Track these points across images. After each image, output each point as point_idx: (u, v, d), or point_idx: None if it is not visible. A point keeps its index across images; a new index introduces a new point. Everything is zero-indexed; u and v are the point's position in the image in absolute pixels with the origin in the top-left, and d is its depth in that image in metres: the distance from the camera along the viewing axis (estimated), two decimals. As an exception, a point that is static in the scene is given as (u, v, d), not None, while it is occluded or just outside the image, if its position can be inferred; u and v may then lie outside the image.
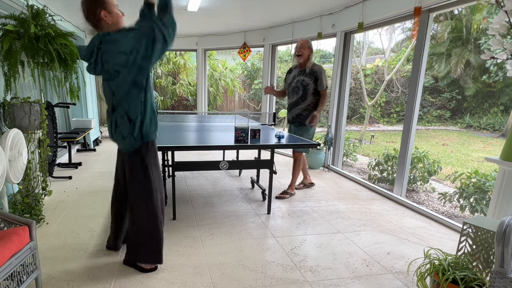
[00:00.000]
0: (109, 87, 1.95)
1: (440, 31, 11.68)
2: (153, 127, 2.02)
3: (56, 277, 2.03)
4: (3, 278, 1.49)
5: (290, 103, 3.66)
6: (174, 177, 2.87)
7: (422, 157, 4.51)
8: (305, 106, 3.54)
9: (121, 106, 1.93)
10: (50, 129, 4.06)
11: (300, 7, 4.51)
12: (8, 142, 2.31)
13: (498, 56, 2.07)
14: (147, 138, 2.01)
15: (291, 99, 3.65)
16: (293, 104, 3.61)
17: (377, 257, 2.41)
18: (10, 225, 1.77)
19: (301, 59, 3.51)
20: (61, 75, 2.97)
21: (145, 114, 1.95)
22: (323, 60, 15.17)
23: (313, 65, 3.51)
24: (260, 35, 6.15)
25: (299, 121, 3.59)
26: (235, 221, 2.98)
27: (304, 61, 3.52)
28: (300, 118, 3.57)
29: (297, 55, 3.52)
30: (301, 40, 3.54)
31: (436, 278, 1.76)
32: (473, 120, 11.92)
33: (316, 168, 5.01)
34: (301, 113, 3.56)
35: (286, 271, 2.18)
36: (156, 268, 2.15)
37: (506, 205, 2.09)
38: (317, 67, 3.49)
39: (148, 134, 2.00)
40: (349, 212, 3.29)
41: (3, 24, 2.65)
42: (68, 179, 4.11)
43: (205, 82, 7.41)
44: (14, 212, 2.68)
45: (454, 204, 4.08)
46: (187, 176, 4.41)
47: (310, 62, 3.51)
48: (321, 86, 3.48)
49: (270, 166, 3.05)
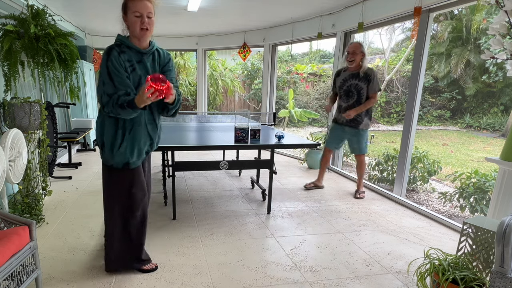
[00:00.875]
0: None
1: (440, 31, 11.68)
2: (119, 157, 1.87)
3: (56, 277, 2.03)
4: (3, 278, 1.49)
5: (344, 106, 3.62)
6: (174, 177, 2.87)
7: (422, 157, 4.51)
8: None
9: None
10: (50, 129, 4.06)
11: (300, 7, 4.51)
12: (8, 142, 2.31)
13: (498, 56, 2.07)
14: (107, 162, 1.92)
15: (345, 102, 3.62)
16: (348, 108, 3.57)
17: (377, 257, 2.41)
18: (10, 225, 1.77)
19: (352, 64, 3.49)
20: (61, 75, 2.98)
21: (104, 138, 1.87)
22: (323, 60, 15.17)
23: (367, 69, 3.48)
24: (260, 35, 6.15)
25: (354, 125, 3.58)
26: (235, 221, 2.98)
27: (356, 65, 3.50)
28: (355, 122, 3.56)
29: (348, 60, 3.50)
30: (353, 45, 3.49)
31: (436, 278, 1.76)
32: (473, 120, 11.92)
33: (316, 168, 5.01)
34: (355, 117, 3.54)
35: (286, 271, 2.18)
36: (156, 268, 2.15)
37: (506, 205, 2.09)
38: (371, 71, 3.47)
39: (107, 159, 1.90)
40: (349, 212, 3.29)
41: (3, 24, 2.65)
42: (68, 179, 4.11)
43: (205, 82, 7.40)
44: (14, 212, 2.68)
45: (454, 204, 4.08)
46: (187, 176, 4.41)
47: (364, 66, 3.47)
48: (371, 89, 3.46)
49: (270, 166, 3.05)
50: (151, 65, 1.89)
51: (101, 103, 1.79)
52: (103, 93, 1.76)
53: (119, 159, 1.88)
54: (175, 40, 7.08)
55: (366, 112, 3.55)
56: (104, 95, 1.76)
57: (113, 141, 1.86)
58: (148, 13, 1.78)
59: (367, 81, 3.45)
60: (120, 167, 1.90)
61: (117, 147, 1.86)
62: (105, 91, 1.76)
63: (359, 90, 3.50)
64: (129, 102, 1.72)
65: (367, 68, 3.48)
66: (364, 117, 3.55)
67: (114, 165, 1.90)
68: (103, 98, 1.76)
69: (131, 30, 1.80)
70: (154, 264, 2.17)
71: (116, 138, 1.86)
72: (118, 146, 1.86)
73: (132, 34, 1.82)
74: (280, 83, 12.33)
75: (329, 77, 12.52)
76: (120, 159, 1.88)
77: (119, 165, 1.90)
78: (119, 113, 1.76)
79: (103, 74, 1.76)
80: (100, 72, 1.79)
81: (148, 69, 1.87)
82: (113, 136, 1.86)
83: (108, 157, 1.89)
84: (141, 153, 1.93)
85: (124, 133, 1.86)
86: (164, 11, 4.78)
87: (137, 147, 1.90)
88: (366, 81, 3.45)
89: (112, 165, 1.90)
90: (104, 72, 1.76)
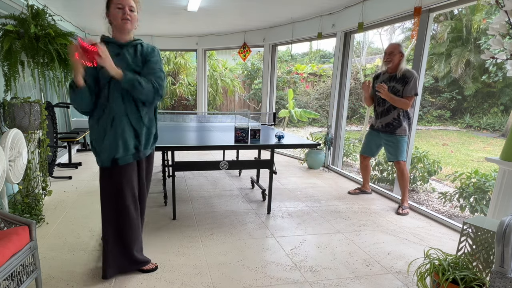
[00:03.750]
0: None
1: (440, 31, 11.68)
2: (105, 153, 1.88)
3: (56, 277, 2.03)
4: (3, 278, 1.49)
5: (380, 110, 3.42)
6: (174, 177, 2.87)
7: (422, 157, 4.51)
8: (396, 114, 3.30)
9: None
10: (50, 129, 4.06)
11: (300, 7, 4.51)
12: (8, 142, 2.31)
13: (498, 56, 2.07)
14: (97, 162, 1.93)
15: (381, 106, 3.40)
16: (384, 112, 3.38)
17: (377, 257, 2.41)
18: (10, 225, 1.77)
19: (390, 64, 3.29)
20: (61, 75, 2.98)
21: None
22: (323, 60, 15.17)
23: (406, 71, 3.23)
24: (260, 35, 6.15)
25: (390, 130, 3.35)
26: (235, 221, 2.98)
27: (393, 66, 3.29)
28: (390, 127, 3.34)
29: (386, 61, 3.32)
30: (391, 46, 3.29)
31: (436, 278, 1.76)
32: (473, 120, 11.92)
33: (316, 168, 5.01)
34: (391, 122, 3.33)
35: (286, 271, 2.18)
36: (156, 268, 2.15)
37: (506, 205, 2.09)
38: (410, 73, 3.20)
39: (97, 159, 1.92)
40: (349, 212, 3.29)
41: (3, 24, 2.65)
42: (68, 179, 4.11)
43: (205, 82, 7.41)
44: (14, 212, 2.68)
45: (454, 204, 4.08)
46: (187, 176, 4.41)
47: (401, 67, 3.24)
48: (407, 91, 3.19)
49: (270, 166, 3.05)
50: (132, 56, 1.89)
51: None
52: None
53: (105, 155, 1.87)
54: (175, 40, 7.08)
55: (405, 117, 3.29)
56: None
57: (97, 136, 1.88)
58: (130, 7, 1.82)
59: (404, 83, 3.21)
60: (109, 164, 1.88)
61: (100, 142, 1.87)
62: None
63: (395, 93, 3.25)
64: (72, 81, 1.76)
65: (405, 69, 3.24)
66: (402, 121, 3.29)
67: (104, 163, 1.89)
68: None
69: (114, 23, 1.85)
70: (154, 264, 2.16)
71: (99, 133, 1.87)
72: (101, 140, 1.86)
73: (115, 27, 1.86)
74: (280, 83, 12.33)
75: (329, 77, 12.52)
76: (106, 154, 1.87)
77: (107, 162, 1.88)
78: (71, 98, 1.81)
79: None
80: None
81: (128, 61, 1.87)
82: (98, 132, 1.87)
83: (97, 156, 1.91)
84: (127, 147, 1.89)
85: (105, 127, 1.86)
86: (164, 11, 4.78)
87: (121, 140, 1.87)
88: (403, 83, 3.21)
89: (102, 164, 1.90)
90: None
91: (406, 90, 3.19)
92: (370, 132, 3.62)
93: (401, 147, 3.33)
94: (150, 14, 4.97)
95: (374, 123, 3.55)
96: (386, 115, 3.37)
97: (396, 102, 3.24)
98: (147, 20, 5.41)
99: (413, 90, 3.17)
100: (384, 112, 3.39)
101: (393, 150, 3.36)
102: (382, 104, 3.40)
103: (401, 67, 3.25)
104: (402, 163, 3.34)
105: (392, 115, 3.32)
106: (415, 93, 3.19)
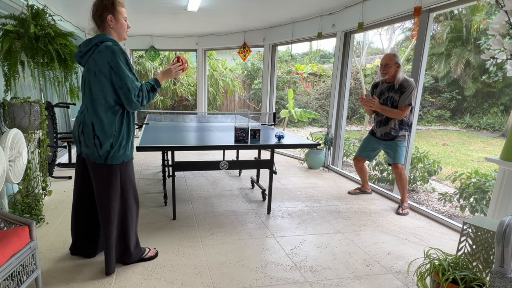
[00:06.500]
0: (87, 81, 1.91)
1: (440, 31, 11.68)
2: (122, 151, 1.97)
3: (56, 277, 2.03)
4: (3, 278, 1.49)
5: (379, 120, 3.44)
6: (174, 177, 2.87)
7: (422, 157, 4.51)
8: (393, 124, 3.32)
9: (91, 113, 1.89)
10: (50, 129, 4.06)
11: (300, 7, 4.51)
12: (8, 142, 2.31)
13: (498, 56, 2.07)
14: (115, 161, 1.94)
15: (380, 116, 3.42)
16: (383, 122, 3.40)
17: (377, 257, 2.41)
18: (10, 225, 1.77)
19: (386, 76, 3.30)
20: (61, 75, 2.98)
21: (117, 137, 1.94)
22: (323, 60, 15.18)
23: (403, 81, 3.22)
24: (260, 35, 6.15)
25: (389, 138, 3.39)
26: (235, 221, 2.98)
27: (390, 77, 3.29)
28: (389, 136, 3.38)
29: (382, 73, 3.32)
30: (386, 57, 3.28)
31: (436, 278, 1.76)
32: (473, 120, 11.93)
33: (316, 168, 5.01)
34: (389, 132, 3.36)
35: (286, 271, 2.18)
36: (157, 254, 2.28)
37: (506, 205, 2.09)
38: (407, 83, 3.19)
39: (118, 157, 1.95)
40: (349, 212, 3.29)
41: (3, 24, 2.65)
42: (68, 179, 4.11)
43: (205, 82, 7.41)
44: (14, 212, 2.68)
45: (454, 204, 4.09)
46: (187, 176, 4.41)
47: (399, 77, 3.24)
48: (402, 101, 3.20)
49: (270, 166, 3.05)
50: None
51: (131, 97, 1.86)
52: (133, 87, 1.86)
53: (131, 150, 2.03)
54: (175, 40, 7.08)
55: (400, 126, 3.32)
56: (136, 88, 1.87)
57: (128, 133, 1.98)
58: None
59: (400, 93, 3.21)
60: (131, 157, 2.03)
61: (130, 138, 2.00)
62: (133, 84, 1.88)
63: (393, 103, 3.27)
64: (156, 84, 2.00)
65: (402, 79, 3.23)
66: (399, 130, 3.32)
67: (125, 160, 1.98)
68: (135, 91, 1.86)
69: (120, 31, 1.99)
70: (154, 251, 2.27)
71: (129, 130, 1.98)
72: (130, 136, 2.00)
73: (120, 35, 2.01)
74: (280, 83, 12.33)
75: (329, 77, 12.52)
76: (132, 149, 2.03)
77: (131, 156, 2.03)
78: (150, 98, 1.98)
79: (125, 69, 1.84)
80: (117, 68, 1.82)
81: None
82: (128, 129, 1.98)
83: (121, 153, 1.95)
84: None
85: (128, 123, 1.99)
86: (164, 11, 4.78)
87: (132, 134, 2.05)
88: (400, 93, 3.21)
89: (124, 160, 1.97)
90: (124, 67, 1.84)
91: (401, 100, 3.22)
92: (369, 137, 3.63)
93: (400, 151, 3.35)
94: (150, 14, 4.97)
95: (374, 130, 3.57)
96: (385, 125, 3.40)
97: (388, 113, 3.28)
98: (147, 20, 5.41)
99: (407, 101, 3.18)
100: (382, 122, 3.42)
101: (392, 153, 3.39)
102: (380, 114, 3.41)
103: (398, 77, 3.25)
104: (400, 166, 3.35)
105: (390, 124, 3.36)
106: (409, 103, 3.18)
